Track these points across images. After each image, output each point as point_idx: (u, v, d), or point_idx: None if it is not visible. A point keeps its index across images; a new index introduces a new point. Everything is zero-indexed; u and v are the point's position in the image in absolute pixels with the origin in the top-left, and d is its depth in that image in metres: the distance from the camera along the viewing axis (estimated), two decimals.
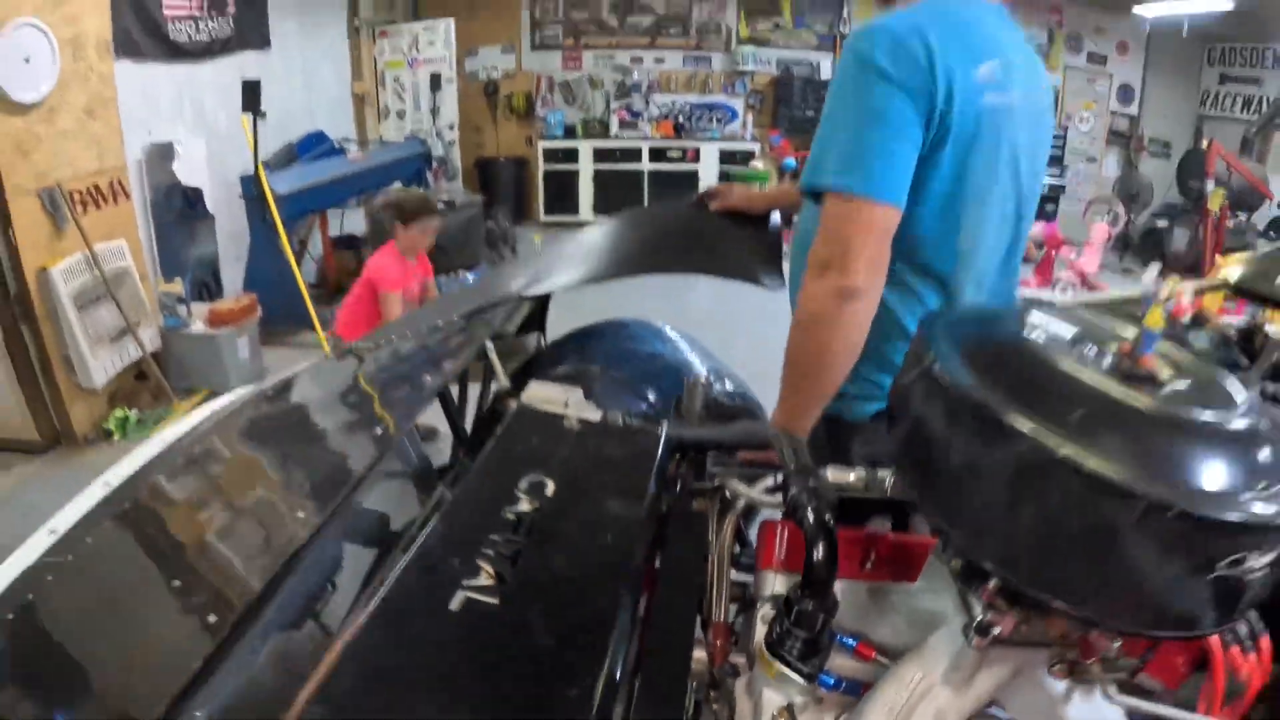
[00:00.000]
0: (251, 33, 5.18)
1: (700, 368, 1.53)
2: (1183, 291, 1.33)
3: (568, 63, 8.13)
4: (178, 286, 4.19)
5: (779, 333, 1.11)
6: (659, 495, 0.85)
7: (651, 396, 1.37)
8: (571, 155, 7.80)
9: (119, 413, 3.77)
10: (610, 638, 0.60)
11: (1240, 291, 1.34)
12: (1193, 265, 6.91)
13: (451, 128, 6.83)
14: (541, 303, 1.65)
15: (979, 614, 0.68)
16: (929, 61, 1.04)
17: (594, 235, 1.75)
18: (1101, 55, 8.16)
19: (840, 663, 0.76)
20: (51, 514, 0.96)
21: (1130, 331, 0.65)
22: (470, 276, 4.81)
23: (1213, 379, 0.65)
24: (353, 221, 6.19)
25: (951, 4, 1.15)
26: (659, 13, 8.05)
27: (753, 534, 0.94)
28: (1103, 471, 0.53)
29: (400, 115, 6.87)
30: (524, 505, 0.74)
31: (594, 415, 0.96)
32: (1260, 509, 0.53)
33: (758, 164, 7.79)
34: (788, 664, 0.71)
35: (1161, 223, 7.75)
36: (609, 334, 1.61)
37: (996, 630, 0.67)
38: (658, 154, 7.89)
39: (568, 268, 1.50)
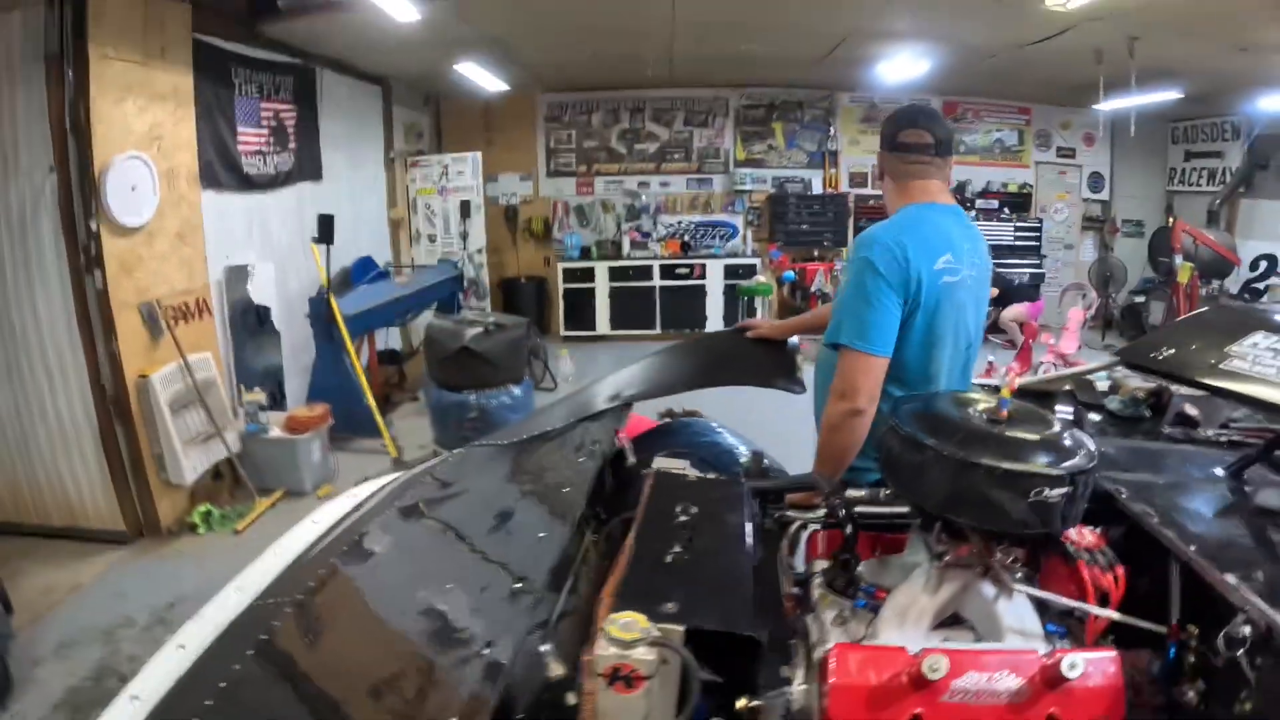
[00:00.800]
0: (308, 165, 5.83)
1: (745, 447, 2.25)
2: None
3: (581, 188, 8.95)
4: (260, 395, 4.58)
5: (789, 421, 1.73)
6: (751, 517, 1.42)
7: (721, 464, 2.02)
8: (588, 274, 8.48)
9: (202, 508, 4.06)
10: (746, 579, 1.15)
11: (1131, 366, 1.81)
12: None
13: (480, 251, 7.44)
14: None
15: (936, 549, 1.24)
16: (905, 262, 1.73)
17: (663, 357, 2.46)
18: (1070, 148, 9.06)
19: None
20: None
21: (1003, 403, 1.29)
22: (517, 390, 5.23)
23: (1040, 418, 1.23)
24: (391, 337, 6.75)
25: (923, 212, 1.83)
26: (663, 140, 8.95)
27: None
28: (967, 457, 1.11)
29: (431, 239, 7.51)
30: (683, 518, 1.30)
31: (700, 474, 1.58)
32: (1040, 466, 1.10)
33: (760, 278, 8.37)
34: (837, 593, 1.25)
35: (1139, 299, 8.42)
36: (680, 429, 2.40)
37: (946, 556, 1.22)
38: (668, 271, 8.57)
39: (647, 382, 2.20)
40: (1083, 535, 1.25)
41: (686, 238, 8.92)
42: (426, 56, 6.27)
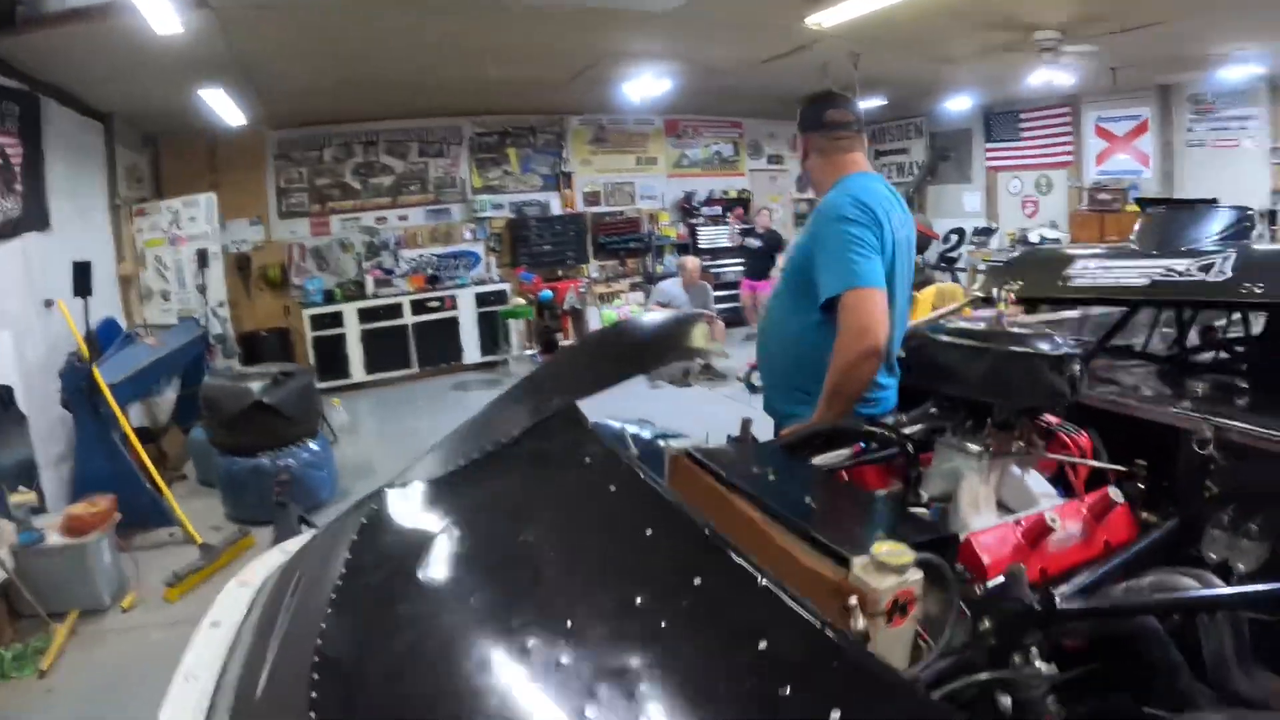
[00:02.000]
0: (35, 212, 5.68)
1: (638, 429, 2.55)
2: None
3: (316, 228, 9.94)
4: (29, 496, 4.30)
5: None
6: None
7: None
8: (336, 319, 9.44)
9: None
10: (878, 508, 1.64)
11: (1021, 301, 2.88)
12: None
13: (223, 304, 7.87)
14: None
15: (984, 444, 1.81)
16: (874, 219, 2.25)
17: (568, 360, 2.73)
18: (779, 155, 12.11)
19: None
20: None
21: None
22: (314, 445, 5.46)
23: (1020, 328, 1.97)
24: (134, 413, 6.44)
25: (863, 179, 2.38)
26: (399, 172, 10.24)
27: None
28: (1026, 350, 1.73)
29: (165, 296, 7.81)
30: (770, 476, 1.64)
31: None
32: (1067, 349, 1.74)
33: (519, 300, 10.15)
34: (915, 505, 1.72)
35: None
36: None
37: (991, 446, 1.80)
38: (419, 306, 9.82)
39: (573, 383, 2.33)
40: (1048, 417, 1.92)
41: (431, 271, 10.26)
42: (156, 86, 6.51)
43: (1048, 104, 10.66)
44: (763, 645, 0.99)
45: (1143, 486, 1.82)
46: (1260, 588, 1.61)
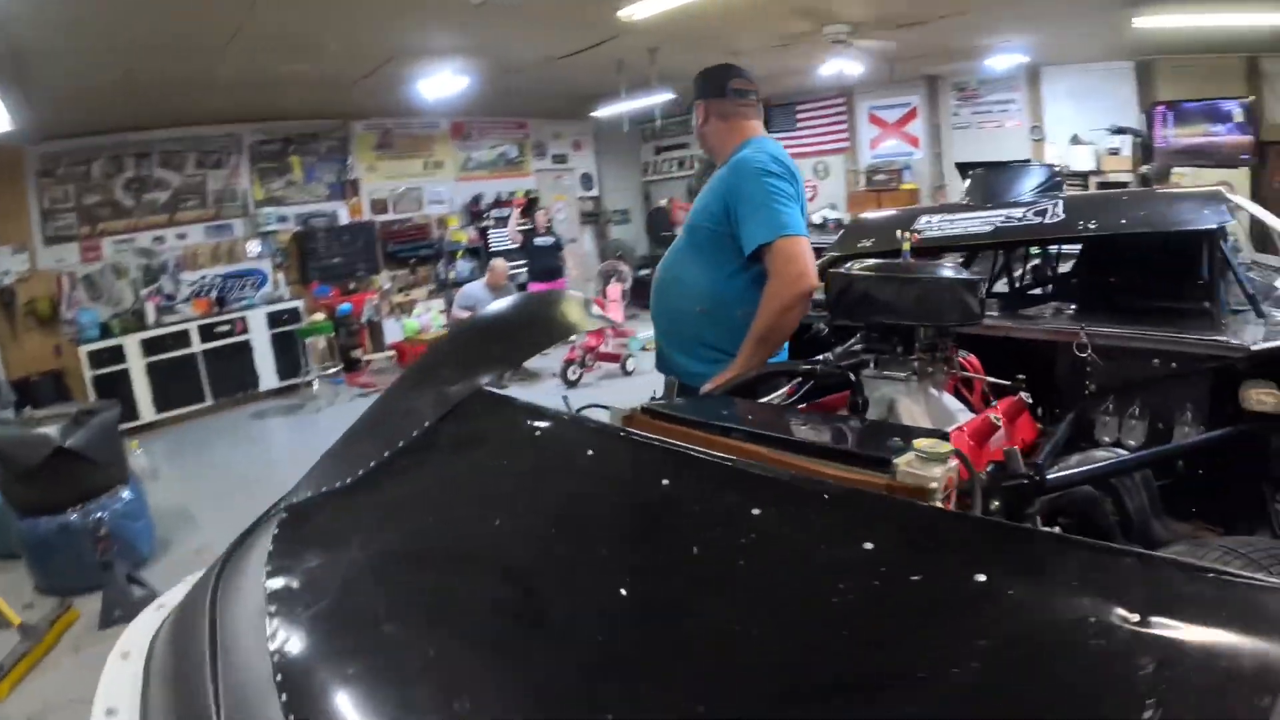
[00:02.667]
0: None
1: None
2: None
3: (87, 254, 9.80)
4: None
5: None
6: None
7: None
8: (117, 354, 9.42)
9: None
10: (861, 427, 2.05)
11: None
12: None
13: None
14: None
15: (914, 368, 2.26)
16: (790, 169, 2.68)
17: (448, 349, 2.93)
18: (563, 154, 13.29)
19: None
20: None
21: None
22: (126, 493, 5.33)
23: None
24: None
25: (770, 143, 2.78)
26: (175, 186, 10.29)
27: None
28: (950, 278, 2.21)
29: None
30: None
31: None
32: (978, 274, 2.46)
33: (318, 316, 10.62)
34: None
35: (644, 272, 12.40)
36: None
37: (919, 370, 2.24)
38: (207, 332, 9.94)
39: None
40: None
41: (216, 293, 10.45)
42: None
43: (825, 95, 12.56)
44: (869, 546, 1.16)
45: (1027, 396, 2.40)
46: (1165, 447, 2.34)
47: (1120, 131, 10.28)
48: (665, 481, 1.51)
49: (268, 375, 10.58)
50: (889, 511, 1.31)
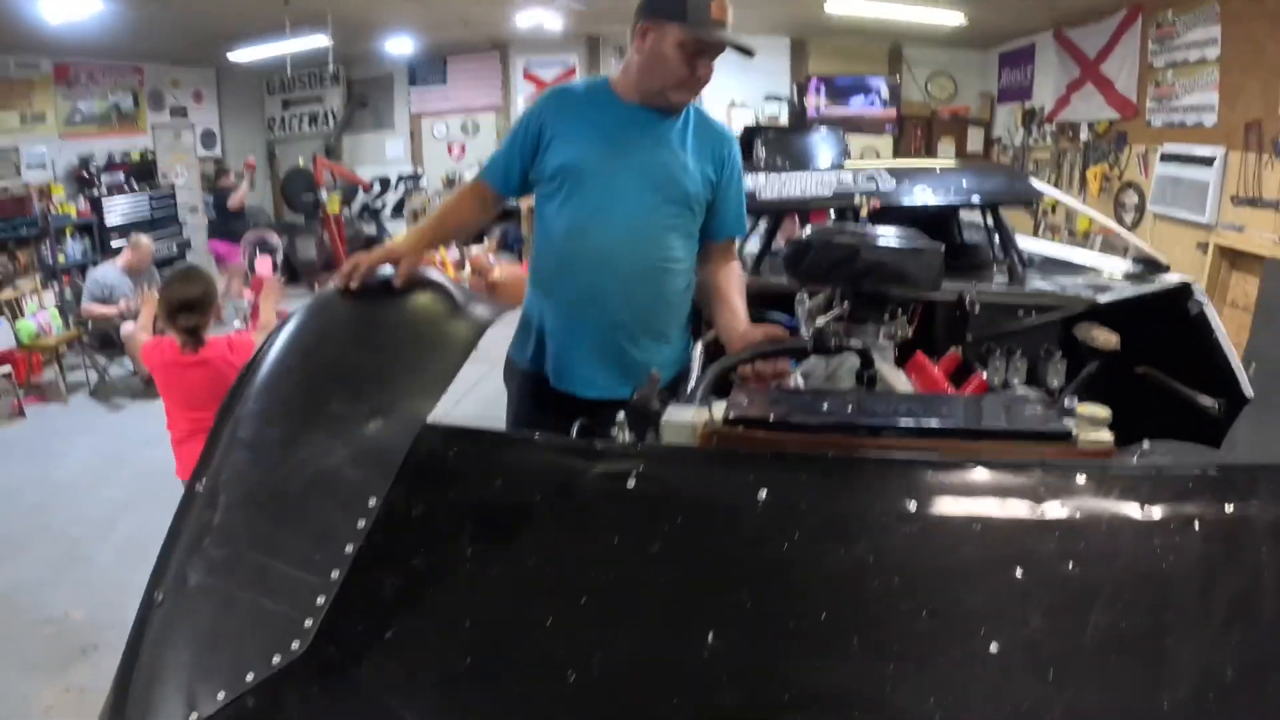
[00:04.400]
0: None
1: None
2: None
3: None
4: None
5: None
6: None
7: None
8: None
9: None
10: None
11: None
12: (326, 265, 10.60)
13: None
14: None
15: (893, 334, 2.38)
16: None
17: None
18: (182, 107, 11.55)
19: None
20: None
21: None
22: None
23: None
24: None
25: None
26: None
27: None
28: (912, 246, 2.29)
29: None
30: None
31: None
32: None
33: None
34: None
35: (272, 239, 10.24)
36: None
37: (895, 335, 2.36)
38: None
39: None
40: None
41: None
42: None
43: (478, 49, 12.11)
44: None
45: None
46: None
47: (775, 99, 11.08)
48: (842, 502, 1.35)
49: None
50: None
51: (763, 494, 1.31)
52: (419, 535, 1.37)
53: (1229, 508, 1.27)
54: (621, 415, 1.73)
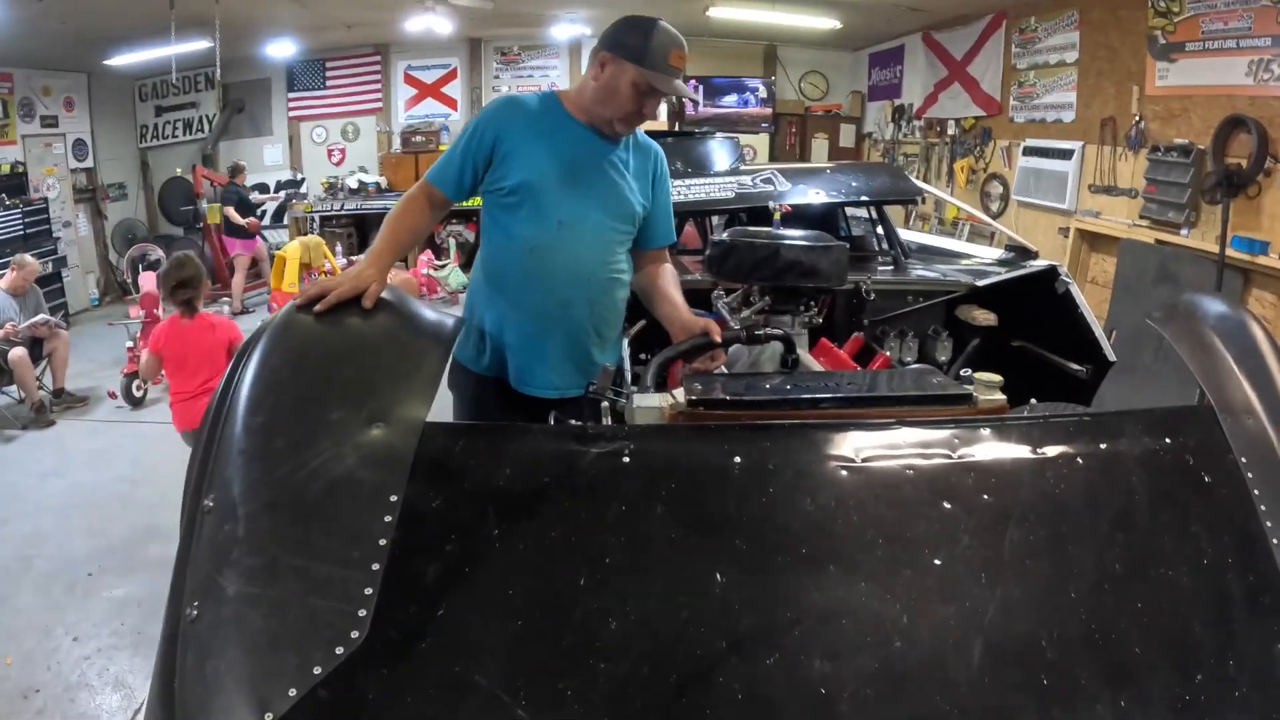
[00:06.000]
0: None
1: None
2: None
3: None
4: None
5: None
6: None
7: None
8: None
9: None
10: None
11: None
12: (210, 278, 10.65)
13: None
14: None
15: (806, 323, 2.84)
16: None
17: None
18: (53, 116, 11.10)
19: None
20: None
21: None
22: None
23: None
24: None
25: None
26: None
27: None
28: (823, 243, 2.76)
29: None
30: None
31: None
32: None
33: None
34: None
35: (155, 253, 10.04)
36: None
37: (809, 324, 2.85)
38: None
39: None
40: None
41: None
42: None
43: (358, 52, 12.08)
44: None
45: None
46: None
47: None
48: (800, 467, 1.62)
49: None
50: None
51: (736, 459, 1.57)
52: (445, 523, 1.49)
53: (1104, 445, 1.63)
54: (606, 403, 2.02)
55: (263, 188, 12.48)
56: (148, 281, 7.87)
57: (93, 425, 6.75)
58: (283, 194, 12.67)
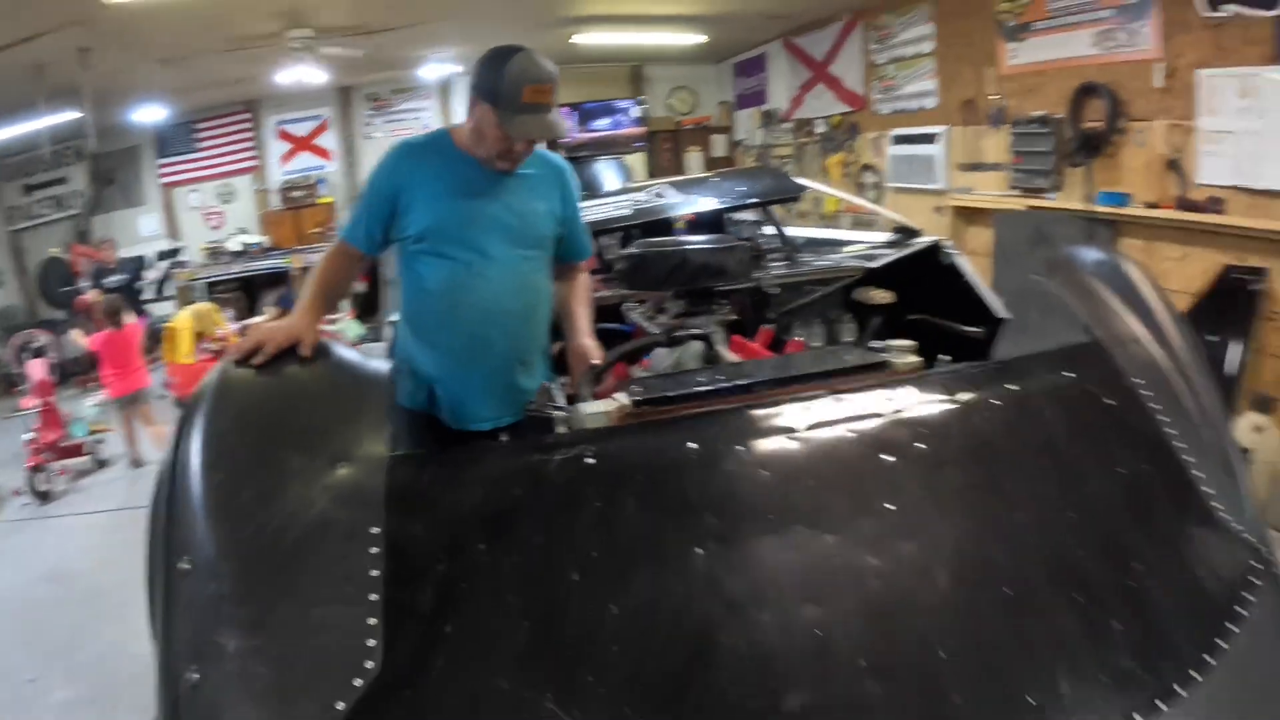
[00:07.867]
0: None
1: None
2: None
3: None
4: None
5: None
6: None
7: None
8: None
9: None
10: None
11: None
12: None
13: None
14: None
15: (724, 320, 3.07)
16: None
17: None
18: None
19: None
20: None
21: None
22: None
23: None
24: None
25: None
26: None
27: None
28: (731, 245, 3.22)
29: None
30: None
31: None
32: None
33: None
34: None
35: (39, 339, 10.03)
36: None
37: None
38: None
39: None
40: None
41: None
42: None
43: (227, 111, 11.85)
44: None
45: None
46: None
47: None
48: (754, 447, 1.73)
49: None
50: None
51: (692, 444, 1.69)
52: (430, 547, 1.53)
53: (1016, 386, 1.83)
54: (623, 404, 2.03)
55: (138, 260, 12.07)
56: (37, 369, 7.54)
57: (2, 527, 6.40)
58: (164, 264, 12.20)
